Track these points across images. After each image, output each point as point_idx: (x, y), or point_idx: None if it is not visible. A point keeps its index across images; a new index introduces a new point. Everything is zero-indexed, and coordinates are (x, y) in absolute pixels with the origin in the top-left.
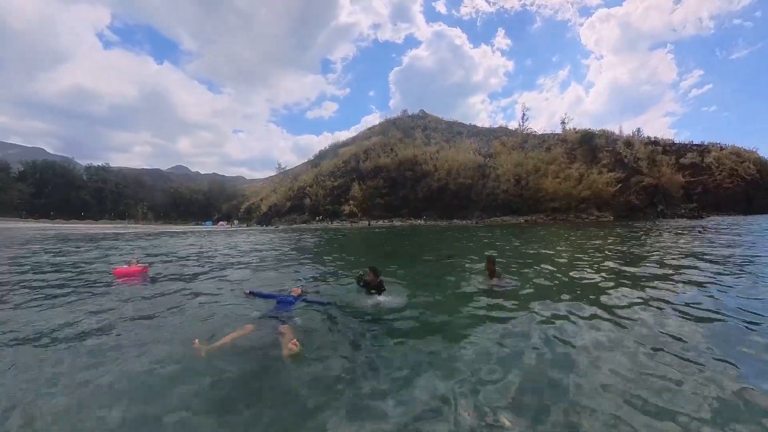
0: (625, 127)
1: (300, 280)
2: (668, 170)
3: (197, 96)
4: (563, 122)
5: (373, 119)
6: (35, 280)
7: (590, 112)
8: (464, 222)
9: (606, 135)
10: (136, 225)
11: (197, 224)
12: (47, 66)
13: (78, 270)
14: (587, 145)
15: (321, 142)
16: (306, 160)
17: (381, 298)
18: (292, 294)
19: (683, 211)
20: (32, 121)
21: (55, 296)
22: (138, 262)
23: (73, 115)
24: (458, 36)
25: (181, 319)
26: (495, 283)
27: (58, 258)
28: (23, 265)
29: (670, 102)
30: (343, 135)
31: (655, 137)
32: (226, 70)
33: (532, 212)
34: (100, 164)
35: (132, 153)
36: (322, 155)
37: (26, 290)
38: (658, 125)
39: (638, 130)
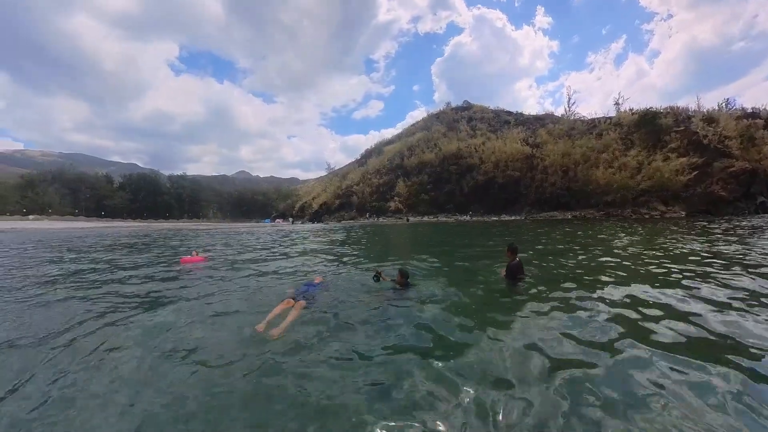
0: (709, 98)
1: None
2: None
3: (254, 108)
4: (617, 103)
5: (419, 114)
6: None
7: (657, 87)
8: (513, 218)
9: (675, 113)
10: (209, 223)
11: (258, 222)
12: (134, 96)
13: (158, 255)
14: (648, 127)
15: (368, 140)
16: (353, 160)
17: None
18: (315, 281)
19: None
20: (127, 142)
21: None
22: (198, 253)
23: (156, 134)
24: (498, 18)
25: (225, 298)
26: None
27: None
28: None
29: None
30: (389, 132)
31: (753, 108)
32: (278, 81)
33: (581, 207)
34: (179, 173)
35: (203, 162)
36: (368, 154)
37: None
38: (761, 91)
39: (727, 101)
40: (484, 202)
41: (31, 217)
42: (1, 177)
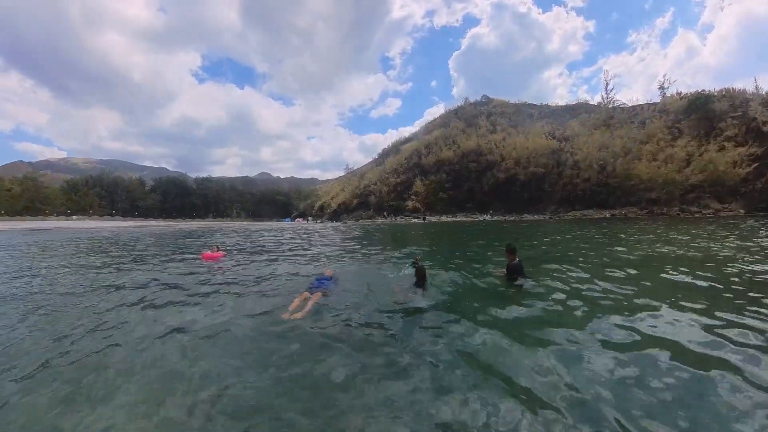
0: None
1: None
2: None
3: (273, 111)
4: (662, 87)
5: (437, 110)
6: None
7: (711, 66)
8: (536, 217)
9: (731, 96)
10: (233, 222)
11: (279, 221)
12: (162, 104)
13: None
14: (700, 113)
15: (386, 139)
16: (371, 159)
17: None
18: (326, 274)
19: None
20: (156, 148)
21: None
22: (218, 249)
23: (183, 139)
24: (522, 2)
25: (244, 292)
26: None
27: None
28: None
29: None
30: (407, 130)
31: None
32: (295, 84)
33: (621, 204)
34: (204, 176)
35: (226, 165)
36: (386, 153)
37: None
38: None
39: None
40: (505, 201)
41: (74, 217)
42: (48, 182)
